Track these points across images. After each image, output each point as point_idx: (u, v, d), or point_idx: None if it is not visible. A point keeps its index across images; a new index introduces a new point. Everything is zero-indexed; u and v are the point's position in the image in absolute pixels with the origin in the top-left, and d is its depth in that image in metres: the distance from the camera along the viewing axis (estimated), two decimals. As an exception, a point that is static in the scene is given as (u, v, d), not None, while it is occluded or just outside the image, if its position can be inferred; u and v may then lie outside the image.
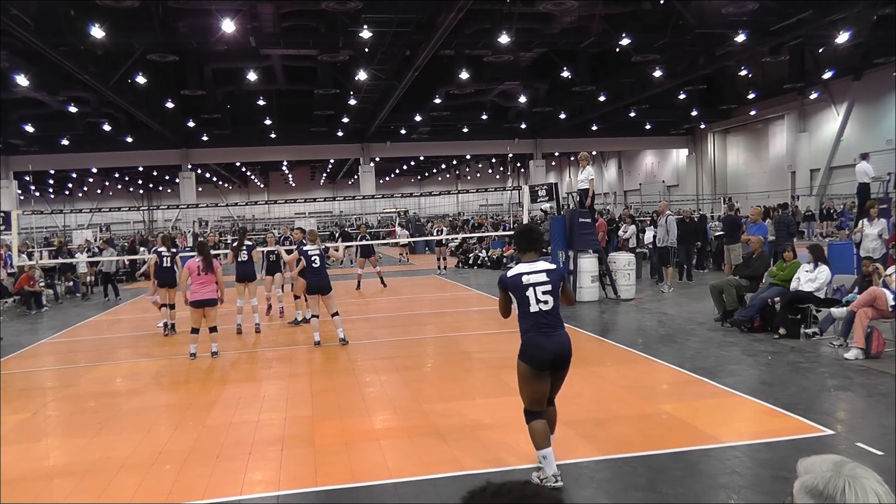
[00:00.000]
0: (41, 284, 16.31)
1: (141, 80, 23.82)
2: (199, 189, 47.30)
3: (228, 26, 18.74)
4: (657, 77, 25.87)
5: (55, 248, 22.73)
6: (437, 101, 30.01)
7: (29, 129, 29.21)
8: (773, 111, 32.46)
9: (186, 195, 35.46)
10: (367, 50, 21.84)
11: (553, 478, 4.20)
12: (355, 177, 49.96)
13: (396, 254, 28.47)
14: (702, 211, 29.15)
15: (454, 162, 57.52)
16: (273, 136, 34.75)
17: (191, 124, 31.60)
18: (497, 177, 64.58)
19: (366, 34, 19.35)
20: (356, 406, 6.53)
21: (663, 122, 37.55)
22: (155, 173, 51.67)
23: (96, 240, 25.60)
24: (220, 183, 58.51)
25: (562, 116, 34.11)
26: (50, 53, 18.27)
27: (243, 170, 54.76)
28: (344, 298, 13.35)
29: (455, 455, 4.95)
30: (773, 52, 23.88)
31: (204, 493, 4.50)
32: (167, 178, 51.78)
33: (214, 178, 55.20)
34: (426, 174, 65.28)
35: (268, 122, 32.57)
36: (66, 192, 58.17)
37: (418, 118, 32.41)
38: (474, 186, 47.06)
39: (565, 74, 27.28)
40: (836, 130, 29.21)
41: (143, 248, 21.84)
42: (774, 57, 24.56)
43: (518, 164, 58.04)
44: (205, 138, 34.38)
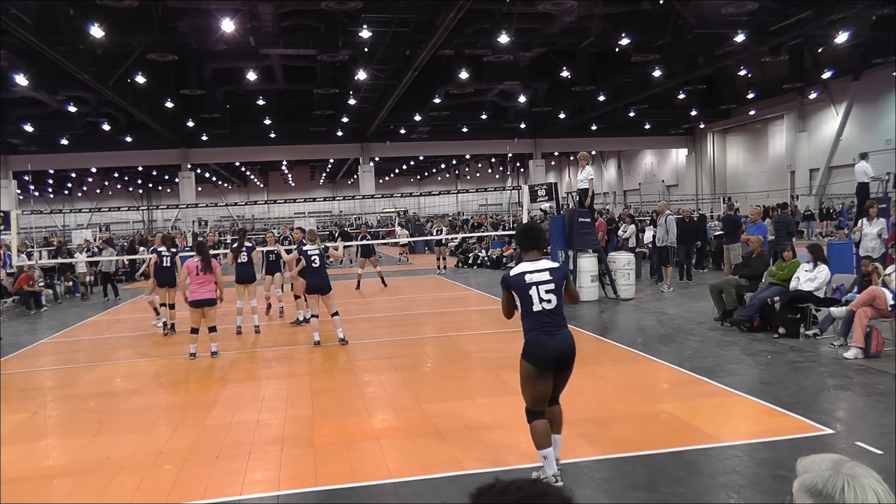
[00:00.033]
0: (40, 284, 16.30)
1: (140, 79, 23.81)
2: (199, 189, 47.28)
3: (228, 26, 18.75)
4: (657, 77, 25.87)
5: (54, 247, 22.74)
6: (437, 100, 30.01)
7: (28, 128, 29.19)
8: (772, 111, 32.47)
9: (186, 195, 35.44)
10: (366, 50, 21.82)
11: (553, 478, 4.18)
12: (355, 176, 49.97)
13: (396, 253, 28.46)
14: (701, 210, 29.17)
15: (454, 162, 57.52)
16: (272, 135, 34.74)
17: (190, 124, 31.60)
18: (496, 176, 64.60)
19: (365, 34, 19.35)
20: (356, 406, 6.53)
21: (663, 121, 37.56)
22: (154, 173, 51.67)
23: (96, 239, 25.60)
24: (220, 183, 58.50)
25: (561, 116, 34.12)
26: (49, 53, 18.26)
27: (243, 169, 54.77)
28: (344, 298, 13.34)
29: (455, 455, 4.96)
30: (772, 52, 23.89)
31: (204, 493, 4.50)
32: (167, 177, 51.78)
33: (214, 178, 55.20)
34: (426, 174, 65.29)
35: (267, 121, 32.54)
36: (66, 192, 58.16)
37: (418, 118, 32.40)
38: (474, 186, 47.05)
39: (565, 74, 27.28)
40: (835, 130, 29.23)
41: (142, 247, 21.83)
42: (774, 57, 24.57)
43: (517, 164, 58.06)
44: (204, 138, 34.38)
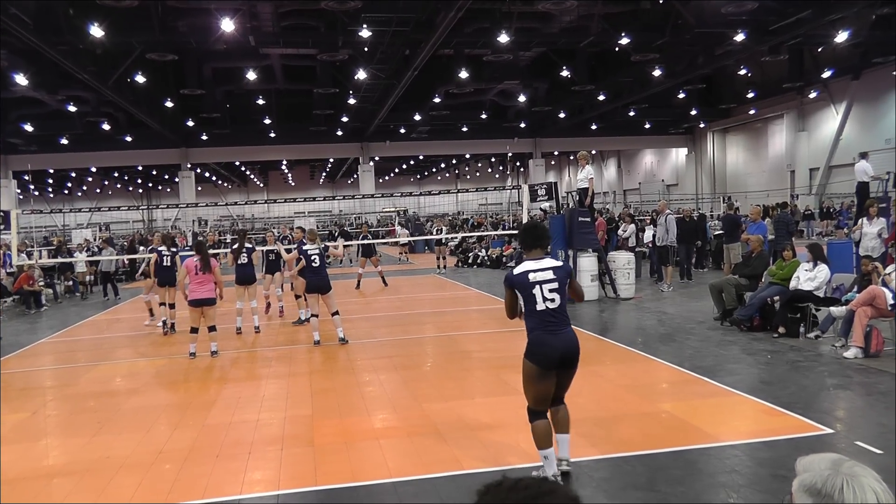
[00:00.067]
0: (40, 284, 16.30)
1: (140, 79, 23.80)
2: (199, 188, 47.29)
3: (228, 25, 18.74)
4: (656, 76, 25.87)
5: (54, 247, 22.74)
6: (437, 100, 30.00)
7: (28, 128, 29.19)
8: (772, 110, 32.48)
9: (186, 194, 35.45)
10: (366, 49, 21.82)
11: (553, 478, 4.18)
12: (355, 176, 49.96)
13: (396, 253, 28.47)
14: (701, 210, 29.17)
15: (453, 161, 57.51)
16: (272, 135, 34.75)
17: (190, 123, 31.60)
18: (496, 176, 64.59)
19: (365, 33, 19.36)
20: (356, 405, 6.53)
21: (662, 121, 37.57)
22: (154, 172, 51.67)
23: (96, 239, 25.59)
24: (220, 182, 58.49)
25: (561, 115, 34.12)
26: (49, 52, 18.25)
27: (242, 169, 54.76)
28: (343, 297, 13.34)
29: (455, 454, 4.96)
30: (772, 51, 23.89)
31: (204, 493, 4.50)
32: (166, 177, 51.79)
33: (214, 178, 55.20)
34: (425, 173, 65.29)
35: (267, 121, 32.54)
36: (66, 192, 58.15)
37: (418, 117, 32.39)
38: (474, 186, 46.99)
39: (565, 74, 27.28)
40: (835, 129, 29.24)
41: (142, 247, 21.82)
42: (773, 56, 24.58)
43: (517, 164, 58.05)
44: (204, 137, 34.39)
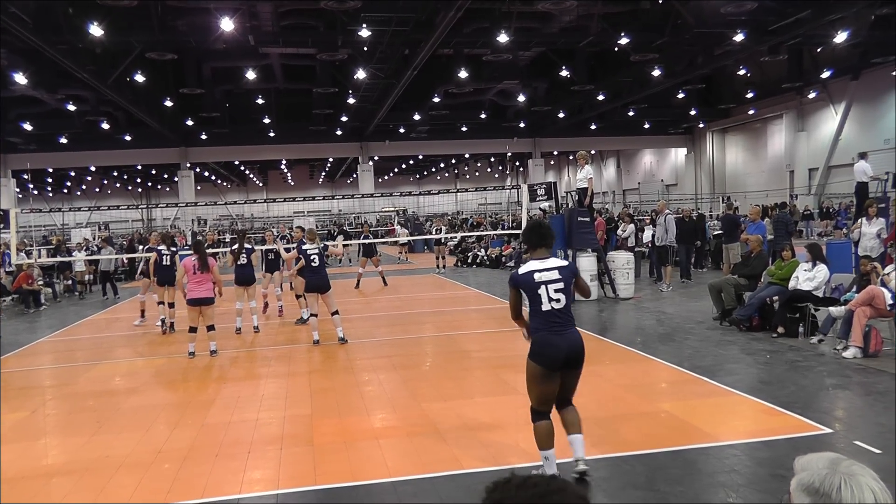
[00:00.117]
0: (39, 283, 16.29)
1: (139, 78, 23.80)
2: (198, 188, 47.24)
3: (227, 25, 18.73)
4: (656, 76, 25.87)
5: (53, 246, 22.72)
6: (436, 99, 29.99)
7: (27, 127, 29.15)
8: (771, 110, 32.49)
9: (185, 194, 35.42)
10: (365, 49, 21.82)
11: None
12: (354, 175, 49.95)
13: (395, 253, 28.46)
14: (700, 210, 29.19)
15: (453, 161, 57.50)
16: (272, 134, 34.74)
17: (189, 123, 31.59)
18: (496, 176, 64.58)
19: (365, 33, 19.35)
20: (355, 405, 6.53)
21: (662, 121, 37.57)
22: (153, 172, 51.67)
23: (95, 238, 25.58)
24: (219, 181, 58.47)
25: (560, 115, 34.11)
26: (48, 51, 18.25)
27: (242, 168, 54.74)
28: (343, 297, 13.34)
29: (454, 454, 4.96)
30: (771, 51, 23.89)
31: (203, 492, 4.50)
32: (166, 176, 51.78)
33: (213, 177, 55.20)
34: (425, 173, 65.29)
35: (266, 120, 32.52)
36: (65, 191, 58.13)
37: (417, 117, 32.39)
38: (473, 185, 47.05)
39: (564, 73, 27.28)
40: (834, 130, 29.25)
41: (141, 246, 21.82)
42: (773, 56, 24.58)
43: (517, 163, 58.05)
44: (203, 137, 34.37)
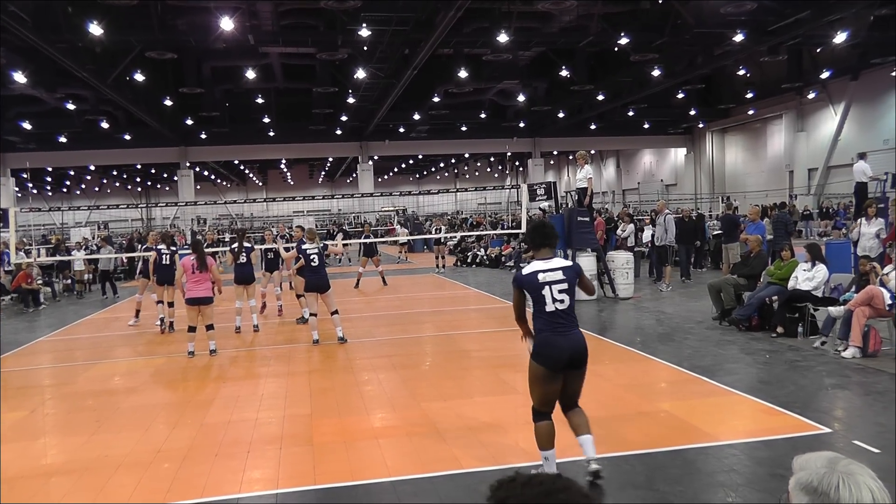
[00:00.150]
0: (38, 282, 16.28)
1: (139, 77, 23.76)
2: (198, 187, 47.22)
3: (227, 24, 18.72)
4: (655, 76, 25.87)
5: (53, 245, 22.71)
6: (436, 99, 29.98)
7: (26, 126, 29.11)
8: (770, 111, 32.49)
9: (185, 193, 35.40)
10: (365, 48, 21.81)
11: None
12: (354, 175, 49.92)
13: (395, 252, 28.47)
14: (700, 210, 29.19)
15: (453, 160, 57.48)
16: (271, 134, 34.71)
17: (189, 122, 31.56)
18: (496, 175, 64.57)
19: (365, 32, 19.34)
20: (355, 404, 6.53)
21: (661, 121, 37.56)
22: (153, 171, 51.61)
23: (94, 237, 25.57)
24: (219, 181, 58.43)
25: (560, 115, 34.10)
26: (48, 50, 18.23)
27: (242, 168, 54.70)
28: (343, 297, 13.34)
29: (454, 453, 4.96)
30: (771, 51, 23.90)
31: (202, 492, 4.50)
32: (165, 175, 51.72)
33: (213, 176, 55.15)
34: (425, 172, 65.26)
35: (266, 120, 32.50)
36: (64, 190, 58.06)
37: (417, 116, 32.38)
38: (473, 185, 47.08)
39: (564, 73, 27.27)
40: (833, 130, 29.26)
41: (140, 245, 21.82)
42: (772, 57, 24.58)
43: (517, 163, 58.05)
44: (203, 136, 34.34)
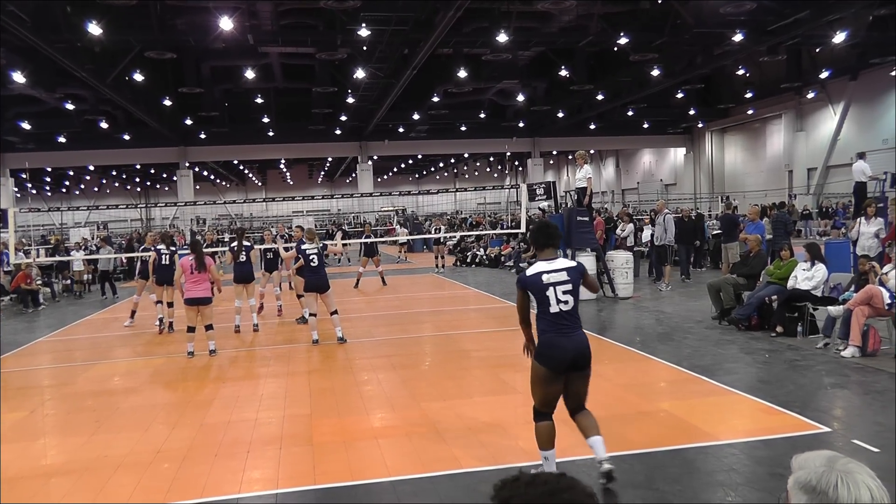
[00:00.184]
0: (38, 283, 16.27)
1: (138, 77, 23.75)
2: (197, 187, 47.19)
3: (226, 24, 18.71)
4: (655, 76, 25.87)
5: (52, 246, 22.70)
6: (436, 99, 29.97)
7: (25, 126, 29.09)
8: (770, 110, 32.50)
9: (184, 193, 35.38)
10: (365, 48, 21.81)
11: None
12: (353, 175, 49.91)
13: (394, 252, 28.47)
14: (699, 210, 29.20)
15: (452, 160, 57.47)
16: (271, 133, 34.69)
17: (188, 122, 31.54)
18: (495, 175, 64.57)
19: (364, 32, 19.34)
20: (354, 404, 6.54)
21: (661, 121, 37.56)
22: (152, 171, 51.58)
23: (93, 238, 25.57)
24: (218, 181, 58.41)
25: (560, 115, 34.10)
26: (47, 50, 18.21)
27: (241, 168, 54.68)
28: (342, 297, 13.34)
29: (453, 453, 4.96)
30: (770, 51, 23.91)
31: (202, 492, 4.50)
32: (165, 175, 51.70)
33: (212, 176, 55.13)
34: (424, 172, 65.25)
35: (266, 119, 32.48)
36: (64, 190, 58.03)
37: (416, 116, 32.36)
38: (472, 185, 47.06)
39: (563, 73, 27.27)
40: (833, 130, 29.27)
41: (139, 245, 21.82)
42: (772, 56, 24.59)
43: (516, 163, 58.04)
44: (202, 136, 34.32)
